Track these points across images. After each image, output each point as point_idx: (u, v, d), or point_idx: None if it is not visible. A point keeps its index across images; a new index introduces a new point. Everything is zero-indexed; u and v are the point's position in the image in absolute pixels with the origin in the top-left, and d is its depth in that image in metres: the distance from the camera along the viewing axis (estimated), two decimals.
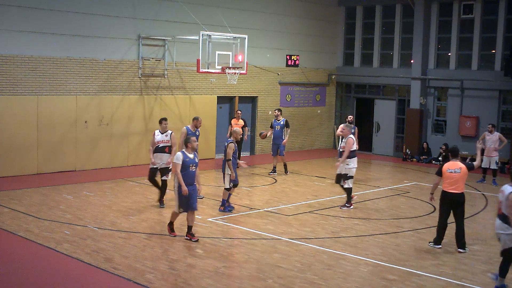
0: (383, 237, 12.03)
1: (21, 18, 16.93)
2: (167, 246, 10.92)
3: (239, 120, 19.56)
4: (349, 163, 14.32)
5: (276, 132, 18.93)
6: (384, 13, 25.42)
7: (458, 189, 11.06)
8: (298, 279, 9.38)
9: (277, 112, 19.21)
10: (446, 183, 11.13)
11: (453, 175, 11.04)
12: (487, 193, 17.16)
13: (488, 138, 18.41)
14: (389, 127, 25.12)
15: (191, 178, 11.14)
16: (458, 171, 11.04)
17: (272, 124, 19.30)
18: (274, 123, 19.18)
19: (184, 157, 11.03)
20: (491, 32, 22.54)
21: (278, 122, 19.07)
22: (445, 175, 11.12)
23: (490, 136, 18.41)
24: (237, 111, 20.21)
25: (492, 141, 18.33)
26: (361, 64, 26.20)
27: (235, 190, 14.48)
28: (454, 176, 11.04)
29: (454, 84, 23.23)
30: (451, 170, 11.07)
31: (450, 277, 9.74)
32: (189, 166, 11.06)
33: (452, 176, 11.04)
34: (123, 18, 19.08)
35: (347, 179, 14.39)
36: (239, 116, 19.72)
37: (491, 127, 18.51)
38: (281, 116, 19.20)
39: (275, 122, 19.16)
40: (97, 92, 18.65)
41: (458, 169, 11.05)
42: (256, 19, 22.99)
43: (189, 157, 11.09)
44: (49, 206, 13.68)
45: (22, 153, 17.15)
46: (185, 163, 11.01)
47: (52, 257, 10.18)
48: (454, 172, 11.04)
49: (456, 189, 11.04)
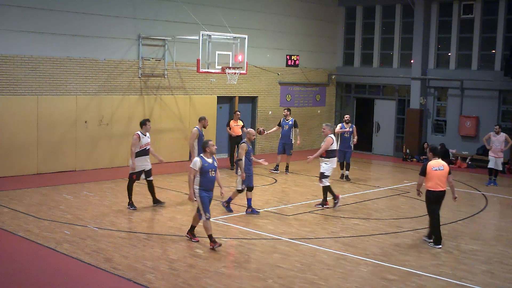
0: (383, 237, 12.04)
1: (21, 18, 16.93)
2: (167, 246, 10.92)
3: (237, 122, 19.58)
4: (327, 162, 14.27)
5: (284, 131, 19.18)
6: (384, 13, 25.43)
7: (443, 186, 11.46)
8: (298, 279, 9.38)
9: (287, 111, 19.55)
10: (432, 181, 11.40)
11: (438, 173, 11.36)
12: (487, 193, 17.16)
13: (495, 139, 18.26)
14: (389, 127, 25.13)
15: (211, 183, 10.76)
16: (441, 168, 11.42)
17: (281, 123, 19.57)
18: (283, 122, 19.46)
19: (203, 162, 10.64)
20: (491, 32, 22.55)
21: (286, 122, 19.39)
22: (430, 174, 11.39)
23: (496, 137, 18.26)
24: (236, 111, 20.23)
25: (499, 142, 18.21)
26: (361, 64, 26.21)
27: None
28: (439, 173, 11.36)
29: (454, 84, 23.23)
30: (436, 168, 11.41)
31: (450, 277, 9.75)
32: (209, 171, 10.66)
33: (437, 174, 11.36)
34: (123, 18, 19.08)
35: (323, 178, 14.27)
36: (238, 117, 19.75)
37: (498, 128, 18.35)
38: (290, 116, 19.52)
39: (284, 122, 19.45)
40: (97, 92, 18.65)
41: (441, 166, 11.44)
42: (256, 19, 23.00)
43: (208, 162, 10.70)
44: (49, 206, 13.68)
45: (22, 153, 17.15)
46: (204, 169, 10.61)
47: (52, 257, 10.18)
48: (438, 170, 11.38)
49: (442, 186, 11.43)
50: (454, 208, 15.20)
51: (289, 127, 19.27)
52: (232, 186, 16.99)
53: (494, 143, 18.26)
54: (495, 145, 18.25)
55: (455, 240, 12.03)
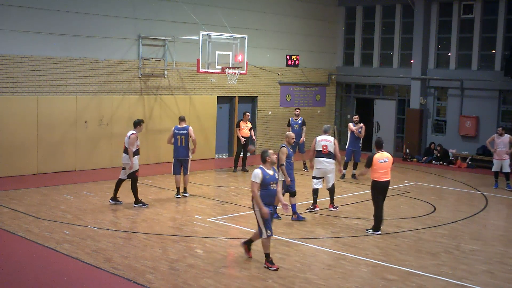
0: (383, 237, 12.04)
1: (21, 18, 16.93)
2: (167, 246, 10.92)
3: (247, 123, 19.29)
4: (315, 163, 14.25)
5: (295, 131, 19.29)
6: (384, 13, 25.43)
7: (388, 177, 12.25)
8: (298, 279, 9.38)
9: (298, 111, 19.97)
10: (378, 172, 12.13)
11: (383, 165, 12.13)
12: (487, 193, 17.15)
13: (499, 141, 17.79)
14: (389, 127, 25.12)
15: (272, 197, 9.86)
16: (386, 160, 12.19)
17: (290, 122, 19.84)
18: (292, 122, 19.79)
19: (264, 174, 9.76)
20: (491, 32, 22.54)
21: (296, 121, 19.77)
22: (376, 166, 12.13)
23: (501, 138, 17.79)
24: (245, 113, 19.65)
25: (504, 143, 17.72)
26: (361, 64, 26.20)
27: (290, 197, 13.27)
28: (384, 165, 12.13)
29: (454, 84, 23.23)
30: (381, 160, 12.16)
31: (450, 277, 9.75)
32: (270, 184, 9.80)
33: (383, 165, 12.13)
34: (123, 18, 19.07)
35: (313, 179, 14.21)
36: (248, 118, 19.43)
37: (501, 130, 17.94)
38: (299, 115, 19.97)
39: (293, 121, 19.79)
40: (97, 92, 18.65)
41: (386, 158, 12.21)
42: (256, 19, 22.99)
43: (268, 174, 9.83)
44: (49, 206, 13.68)
45: (22, 153, 17.15)
46: (265, 181, 9.72)
47: (52, 257, 10.18)
48: (384, 162, 12.15)
49: (387, 176, 12.21)
50: (454, 208, 15.21)
51: (299, 126, 19.69)
52: (233, 186, 16.99)
53: (498, 145, 17.78)
54: (500, 147, 17.76)
55: (455, 240, 12.03)
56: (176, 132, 14.83)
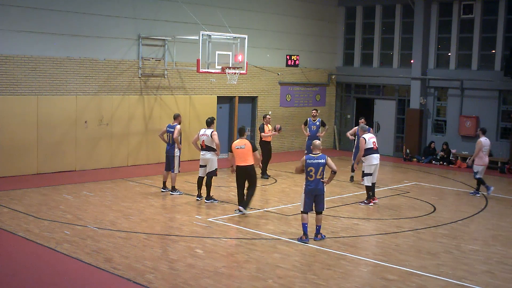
0: (383, 237, 12.04)
1: (21, 18, 16.93)
2: (167, 246, 10.92)
3: (268, 126, 18.48)
4: (363, 160, 15.13)
5: (313, 132, 19.18)
6: (384, 13, 25.43)
7: (246, 162, 13.34)
8: (298, 279, 9.38)
9: (315, 112, 19.55)
10: (236, 158, 13.38)
11: (240, 151, 13.32)
12: (486, 193, 17.13)
13: None
14: (389, 127, 25.13)
15: None
16: (243, 147, 13.33)
17: (308, 122, 19.50)
18: (310, 123, 19.40)
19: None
20: (491, 32, 22.54)
21: (314, 122, 19.37)
22: (234, 152, 13.39)
23: None
24: (266, 115, 18.74)
25: None
26: (361, 64, 26.21)
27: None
28: (241, 151, 13.30)
29: (454, 84, 23.23)
30: (238, 146, 13.36)
31: (450, 277, 9.74)
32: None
33: (240, 152, 13.32)
34: (123, 18, 19.08)
35: (363, 176, 15.22)
36: (270, 120, 18.63)
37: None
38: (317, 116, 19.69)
39: (311, 122, 19.40)
40: (97, 92, 18.65)
41: (243, 145, 13.34)
42: (256, 19, 23.00)
43: None
44: (49, 206, 13.68)
45: (22, 153, 17.15)
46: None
47: (52, 257, 10.18)
48: (240, 148, 13.33)
49: (244, 162, 13.33)
50: (454, 208, 15.21)
51: (316, 127, 19.21)
52: (233, 186, 16.99)
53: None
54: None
55: (455, 240, 12.03)
56: (167, 130, 15.52)
